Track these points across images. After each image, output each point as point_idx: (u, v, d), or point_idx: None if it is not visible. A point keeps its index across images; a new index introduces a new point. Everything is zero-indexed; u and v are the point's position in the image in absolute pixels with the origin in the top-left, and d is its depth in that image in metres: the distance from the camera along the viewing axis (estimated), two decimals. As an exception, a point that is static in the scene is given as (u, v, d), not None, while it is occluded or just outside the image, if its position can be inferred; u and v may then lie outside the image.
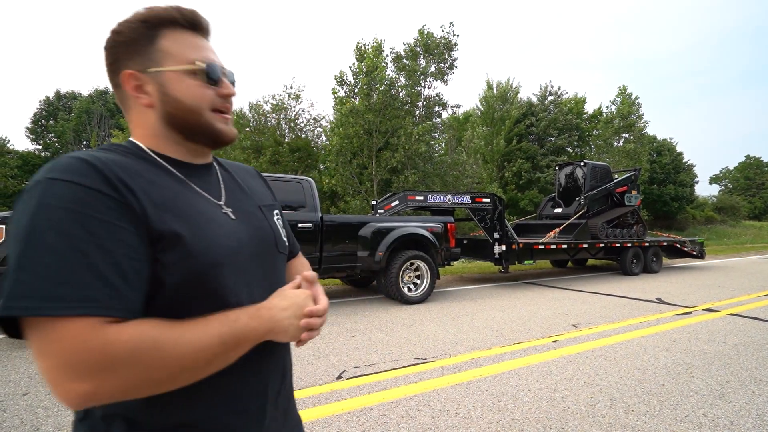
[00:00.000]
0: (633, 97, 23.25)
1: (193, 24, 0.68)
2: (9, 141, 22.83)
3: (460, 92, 60.36)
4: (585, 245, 8.66)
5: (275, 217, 0.82)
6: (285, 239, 0.82)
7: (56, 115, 26.09)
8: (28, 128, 26.24)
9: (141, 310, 0.55)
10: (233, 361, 0.61)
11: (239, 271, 0.67)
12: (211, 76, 0.68)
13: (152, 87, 0.66)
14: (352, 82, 15.11)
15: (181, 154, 0.70)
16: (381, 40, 14.73)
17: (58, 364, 0.48)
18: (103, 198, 0.54)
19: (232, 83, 0.74)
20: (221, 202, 0.71)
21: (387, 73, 14.48)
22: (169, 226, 0.59)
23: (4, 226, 3.76)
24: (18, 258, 0.49)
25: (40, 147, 25.31)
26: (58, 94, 27.81)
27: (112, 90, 0.79)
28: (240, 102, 19.62)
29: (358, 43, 14.77)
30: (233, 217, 0.71)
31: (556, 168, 11.04)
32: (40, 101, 27.77)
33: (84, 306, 0.50)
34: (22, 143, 44.64)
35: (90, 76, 67.91)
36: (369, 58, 14.11)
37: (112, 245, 0.53)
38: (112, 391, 0.51)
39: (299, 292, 0.69)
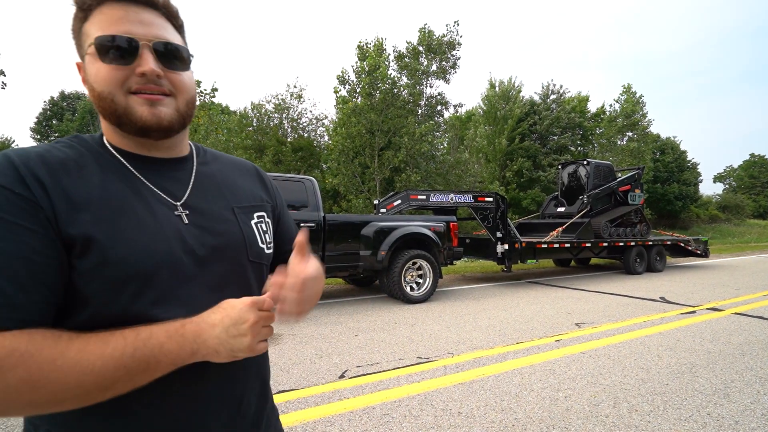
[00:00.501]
0: (638, 95, 23.15)
1: None
2: (13, 141, 22.95)
3: (463, 91, 60.35)
4: (588, 244, 8.63)
5: (254, 220, 0.72)
6: (264, 245, 0.72)
7: (61, 116, 26.24)
8: (32, 128, 26.41)
9: (44, 319, 0.50)
10: (144, 384, 0.53)
11: (179, 282, 0.59)
12: (103, 50, 0.57)
13: (86, 75, 0.61)
14: (354, 81, 15.11)
15: (139, 147, 0.63)
16: (382, 39, 14.72)
17: None
18: (13, 197, 0.50)
19: (169, 56, 0.61)
20: (178, 202, 0.64)
21: (389, 72, 14.47)
22: (81, 229, 0.53)
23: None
24: None
25: (44, 147, 25.46)
26: (62, 94, 27.97)
27: None
28: (243, 102, 19.66)
29: (360, 42, 14.77)
30: (186, 220, 0.63)
31: (559, 167, 11.00)
32: (44, 101, 27.95)
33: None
34: (27, 143, 44.94)
35: (93, 76, 68.25)
36: (371, 56, 14.10)
37: (9, 247, 0.49)
38: None
39: (235, 302, 0.56)
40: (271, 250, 0.75)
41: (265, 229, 0.74)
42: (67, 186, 0.54)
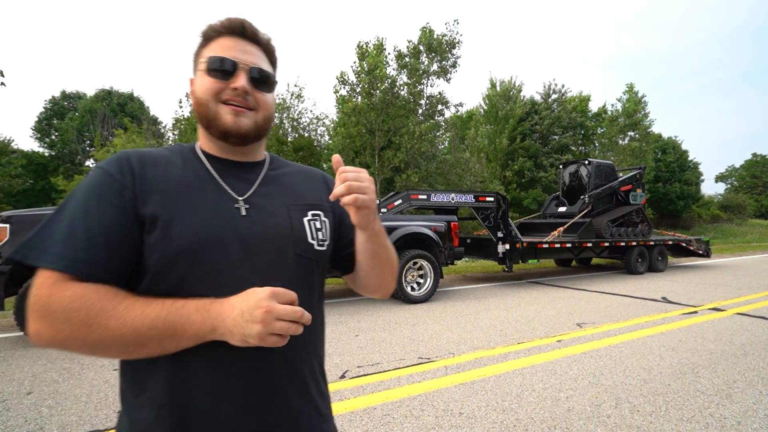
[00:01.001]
0: (640, 95, 23.10)
1: (234, 30, 0.75)
2: (13, 140, 22.98)
3: (464, 91, 60.27)
4: (589, 244, 8.61)
5: (307, 217, 0.78)
6: (313, 241, 0.77)
7: (62, 115, 26.24)
8: (33, 128, 26.43)
9: (113, 279, 0.62)
10: (173, 351, 0.61)
11: (224, 265, 0.67)
12: (211, 67, 0.71)
13: (194, 88, 0.76)
14: (354, 81, 15.10)
15: (220, 151, 0.77)
16: (382, 38, 14.70)
17: (28, 303, 0.59)
18: (110, 179, 0.66)
19: (259, 79, 0.74)
20: (240, 197, 0.73)
21: (388, 72, 14.45)
22: (152, 209, 0.65)
23: (8, 225, 3.78)
24: (44, 220, 0.63)
25: (45, 146, 25.47)
26: (64, 94, 27.99)
27: (116, 90, 0.89)
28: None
29: (360, 41, 14.76)
30: (244, 212, 0.71)
31: (560, 166, 10.98)
32: (45, 100, 27.97)
33: (51, 261, 0.59)
34: (27, 143, 45.04)
35: (96, 76, 68.33)
36: (371, 56, 14.09)
37: (97, 217, 0.62)
38: (51, 338, 0.58)
39: (258, 290, 0.60)
40: (323, 248, 0.79)
41: (318, 226, 0.79)
42: (150, 176, 0.68)
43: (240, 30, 0.75)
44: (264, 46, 0.78)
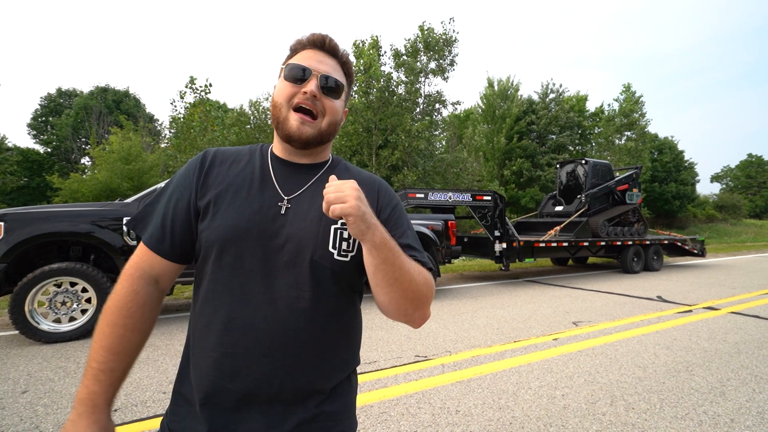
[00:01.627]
0: (637, 95, 23.18)
1: (315, 43, 0.83)
2: (7, 138, 22.80)
3: (462, 90, 60.26)
4: (586, 243, 8.65)
5: (335, 225, 0.78)
6: (333, 250, 0.77)
7: (58, 112, 26.03)
8: (29, 125, 26.22)
9: (178, 253, 0.79)
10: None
11: (247, 257, 0.74)
12: (288, 73, 0.80)
13: (274, 93, 0.84)
14: (350, 79, 15.01)
15: (284, 152, 0.85)
16: (377, 36, 14.66)
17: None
18: (190, 173, 0.81)
19: (328, 87, 0.81)
20: (286, 197, 0.79)
21: (384, 70, 14.41)
22: (205, 201, 0.78)
23: (3, 223, 3.75)
24: (153, 198, 0.83)
25: (41, 143, 25.27)
26: (59, 91, 27.78)
27: (112, 87, 0.99)
28: (241, 100, 19.56)
29: (356, 40, 14.72)
30: (283, 211, 0.78)
31: (557, 166, 11.01)
32: (41, 98, 27.74)
33: (144, 234, 0.79)
34: (23, 140, 44.66)
35: (92, 74, 67.81)
36: (366, 54, 14.05)
37: (173, 203, 0.79)
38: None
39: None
40: (346, 258, 0.78)
41: (345, 236, 0.79)
42: (215, 172, 0.81)
43: (321, 43, 0.83)
44: (341, 59, 0.86)
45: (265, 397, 0.72)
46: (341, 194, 0.66)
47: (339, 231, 0.78)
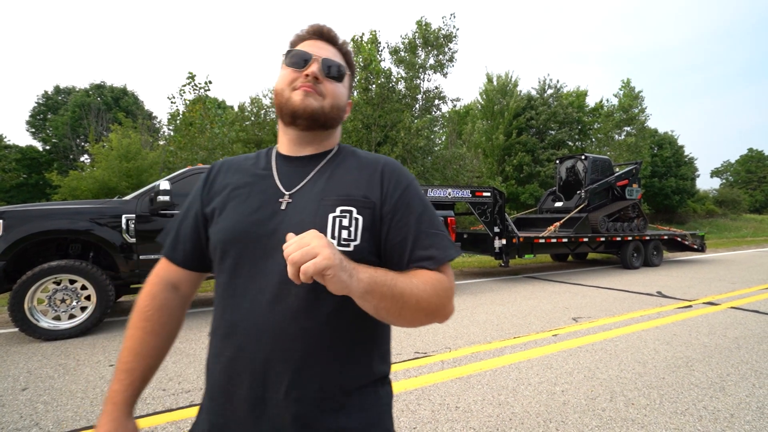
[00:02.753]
0: (636, 90, 23.09)
1: (314, 34, 0.83)
2: (5, 137, 22.75)
3: (461, 86, 60.10)
4: (585, 239, 8.64)
5: (334, 213, 0.72)
6: (333, 240, 0.70)
7: (57, 109, 25.94)
8: (27, 122, 26.15)
9: (190, 261, 0.83)
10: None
11: (249, 258, 0.72)
12: (288, 59, 0.79)
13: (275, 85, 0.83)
14: (350, 76, 14.94)
15: (286, 147, 0.83)
16: (376, 31, 14.57)
17: None
18: (198, 186, 0.85)
19: (330, 70, 0.79)
20: (287, 192, 0.76)
21: (383, 66, 14.34)
22: (210, 208, 0.80)
23: (2, 221, 3.74)
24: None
25: (40, 141, 25.21)
26: (57, 88, 27.67)
27: (109, 84, 0.96)
28: (240, 97, 19.50)
29: (354, 36, 14.63)
30: (284, 207, 0.74)
31: (557, 161, 10.99)
32: (38, 96, 27.64)
33: (164, 245, 0.85)
34: (22, 138, 44.56)
35: (90, 71, 67.55)
36: (365, 50, 13.98)
37: (184, 215, 0.84)
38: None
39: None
40: (348, 248, 0.70)
41: (345, 224, 0.71)
42: (219, 180, 0.83)
43: (319, 33, 0.82)
44: (340, 47, 0.84)
45: (273, 406, 0.67)
46: (307, 248, 0.56)
47: (338, 219, 0.71)
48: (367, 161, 0.81)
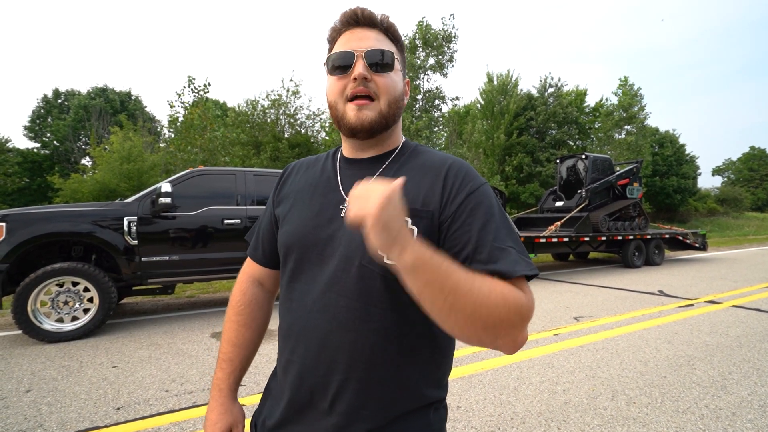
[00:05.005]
0: (635, 88, 23.06)
1: (349, 22, 0.74)
2: (9, 140, 22.83)
3: (461, 86, 60.14)
4: (587, 238, 8.64)
5: None
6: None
7: (57, 114, 26.00)
8: (26, 126, 26.20)
9: (269, 260, 0.86)
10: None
11: (306, 264, 0.73)
12: (331, 66, 0.73)
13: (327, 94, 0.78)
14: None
15: (350, 150, 0.80)
16: None
17: None
18: (274, 186, 0.88)
19: (377, 62, 0.71)
20: (348, 197, 0.67)
21: None
22: (279, 210, 0.82)
23: (4, 224, 3.76)
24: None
25: (39, 145, 25.25)
26: (56, 92, 27.73)
27: (111, 87, 0.94)
28: (239, 98, 19.53)
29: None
30: (343, 214, 0.71)
31: (558, 161, 10.98)
32: (38, 99, 27.70)
33: (249, 246, 0.91)
34: (21, 142, 44.69)
35: (89, 75, 67.75)
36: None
37: (264, 215, 0.88)
38: None
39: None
40: None
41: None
42: (289, 182, 0.85)
43: (354, 20, 0.74)
44: (382, 27, 0.76)
45: (319, 413, 0.68)
46: (363, 198, 0.52)
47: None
48: (432, 163, 0.73)
